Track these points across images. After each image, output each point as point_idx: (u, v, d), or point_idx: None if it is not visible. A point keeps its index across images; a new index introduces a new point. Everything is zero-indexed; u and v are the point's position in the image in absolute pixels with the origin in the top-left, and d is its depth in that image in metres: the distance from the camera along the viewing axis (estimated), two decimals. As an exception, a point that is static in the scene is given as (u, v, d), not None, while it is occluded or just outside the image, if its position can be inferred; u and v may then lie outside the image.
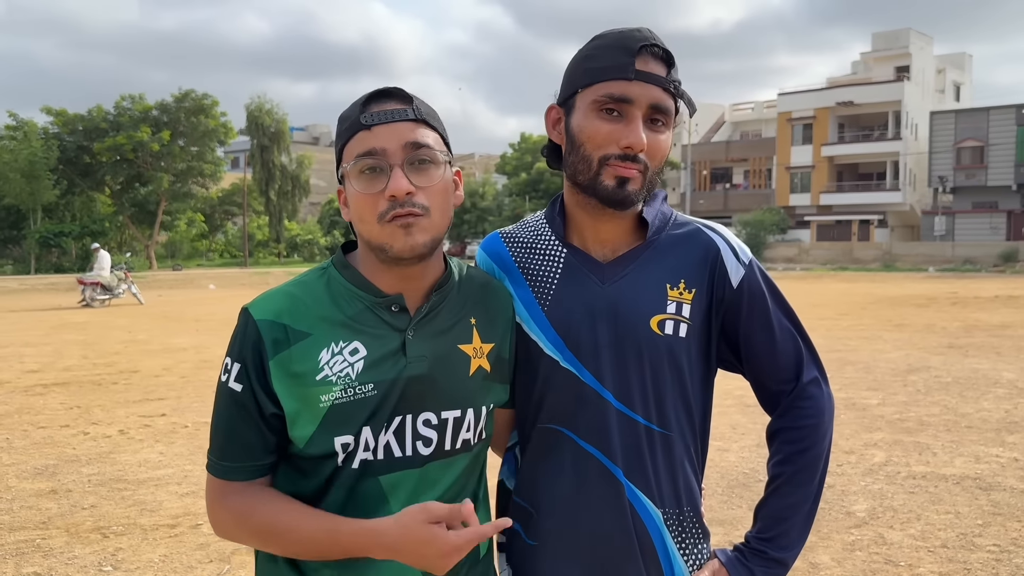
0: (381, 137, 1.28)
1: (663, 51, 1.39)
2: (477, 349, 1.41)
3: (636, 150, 1.37)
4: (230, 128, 47.44)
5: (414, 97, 1.34)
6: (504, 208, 55.80)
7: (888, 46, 53.59)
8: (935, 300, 21.09)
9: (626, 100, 1.36)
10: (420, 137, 1.30)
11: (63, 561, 4.14)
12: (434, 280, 1.38)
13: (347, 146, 1.31)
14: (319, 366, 1.28)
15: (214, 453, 1.33)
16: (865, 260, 44.58)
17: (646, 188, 1.42)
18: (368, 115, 1.29)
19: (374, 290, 1.34)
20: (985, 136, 46.56)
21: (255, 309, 1.31)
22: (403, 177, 1.27)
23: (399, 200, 1.27)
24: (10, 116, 42.82)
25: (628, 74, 1.36)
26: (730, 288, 1.47)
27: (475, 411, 1.39)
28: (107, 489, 5.35)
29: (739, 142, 60.10)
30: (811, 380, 1.51)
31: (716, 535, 4.32)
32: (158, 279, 34.86)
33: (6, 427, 7.20)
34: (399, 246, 1.28)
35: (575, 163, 1.42)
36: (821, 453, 1.49)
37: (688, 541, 1.47)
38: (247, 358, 1.28)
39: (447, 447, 1.36)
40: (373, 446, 1.31)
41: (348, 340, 1.30)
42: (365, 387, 1.29)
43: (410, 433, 1.33)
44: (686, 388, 1.47)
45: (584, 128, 1.40)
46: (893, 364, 10.34)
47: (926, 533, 4.46)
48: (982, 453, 6.08)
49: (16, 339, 13.90)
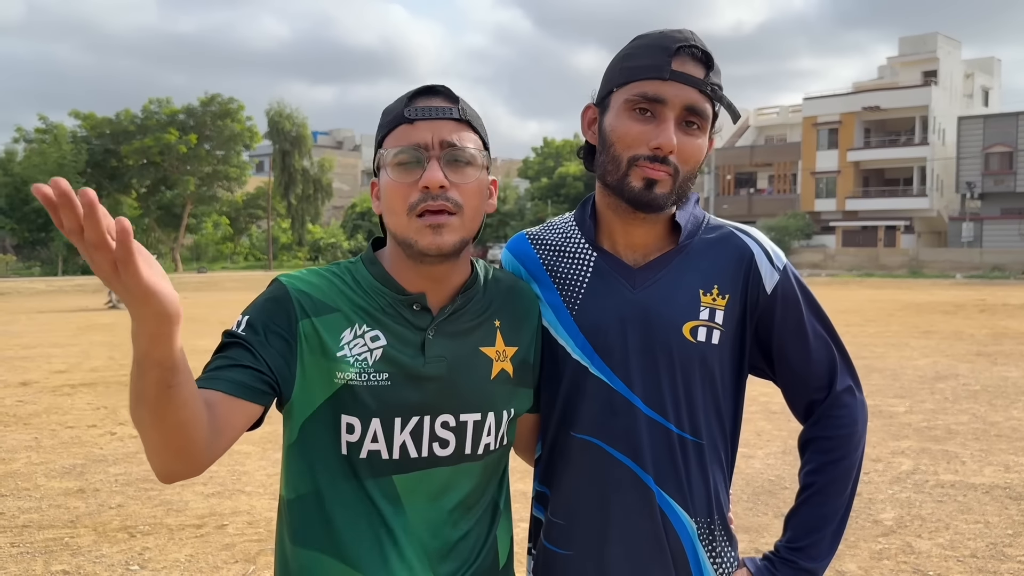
0: (422, 131, 1.28)
1: (702, 53, 1.36)
2: (500, 352, 1.39)
3: (665, 151, 1.34)
4: (255, 132, 47.92)
5: (460, 98, 1.33)
6: (526, 212, 55.80)
7: (915, 50, 53.04)
8: (963, 307, 20.83)
9: (659, 100, 1.35)
10: (461, 137, 1.29)
11: (91, 559, 4.18)
12: (460, 282, 1.37)
13: (387, 137, 1.31)
14: (340, 343, 1.28)
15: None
16: (891, 266, 44.12)
17: (676, 193, 1.39)
18: (412, 109, 1.29)
19: (397, 287, 1.33)
20: (1014, 141, 45.93)
21: (287, 279, 1.32)
22: (439, 170, 1.26)
23: (432, 192, 1.26)
24: (40, 119, 43.48)
25: (663, 74, 1.34)
26: (764, 294, 1.45)
27: (496, 415, 1.37)
28: (134, 489, 5.40)
29: (764, 147, 59.68)
30: (845, 388, 1.48)
31: (742, 543, 4.28)
32: (183, 281, 35.19)
33: (35, 427, 7.29)
34: (425, 243, 1.26)
35: (605, 163, 1.40)
36: (854, 463, 1.47)
37: (718, 549, 1.45)
38: (268, 309, 1.26)
39: (467, 451, 1.34)
40: (387, 442, 1.29)
41: (371, 327, 1.30)
42: (380, 375, 1.28)
43: (427, 434, 1.31)
44: (717, 395, 1.45)
45: (615, 127, 1.38)
46: (920, 371, 10.22)
47: (955, 542, 4.40)
48: (1012, 462, 5.99)
49: (44, 340, 14.08)
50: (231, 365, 1.21)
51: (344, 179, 67.80)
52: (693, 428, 1.43)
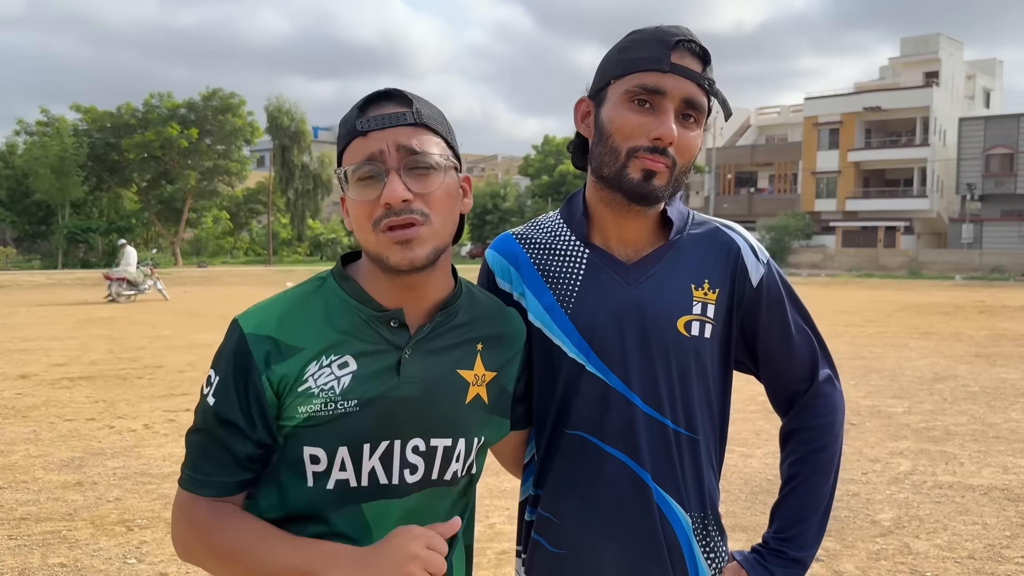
0: (377, 142, 1.21)
1: (700, 48, 1.38)
2: (478, 376, 1.34)
3: (666, 142, 1.35)
4: (256, 127, 47.88)
5: (414, 99, 1.26)
6: (526, 210, 55.77)
7: (917, 51, 53.00)
8: (962, 308, 20.84)
9: (659, 92, 1.35)
10: (419, 142, 1.23)
11: (88, 553, 4.18)
12: (440, 297, 1.31)
13: (344, 152, 1.25)
14: (304, 377, 1.23)
15: (187, 467, 1.27)
16: (891, 267, 44.12)
17: (672, 185, 1.40)
18: (364, 120, 1.22)
19: (373, 304, 1.27)
20: (1015, 143, 45.90)
21: (245, 322, 1.25)
22: (399, 183, 1.20)
23: (394, 208, 1.20)
24: (42, 112, 43.46)
25: (663, 66, 1.35)
26: (751, 287, 1.47)
27: (467, 442, 1.32)
28: (132, 483, 5.40)
29: (764, 146, 59.67)
30: (825, 379, 1.53)
31: (739, 541, 4.28)
32: (183, 276, 35.18)
33: (33, 419, 7.29)
34: (396, 259, 1.21)
35: (602, 154, 1.40)
36: (835, 452, 1.51)
37: (711, 544, 1.47)
38: (232, 373, 1.23)
39: (434, 476, 1.29)
40: (355, 470, 1.25)
41: (340, 354, 1.24)
42: (347, 403, 1.23)
43: (397, 460, 1.26)
44: (710, 390, 1.46)
45: (614, 119, 1.38)
46: (919, 372, 10.23)
47: (952, 543, 4.40)
48: (1010, 464, 5.99)
49: (43, 333, 14.08)
50: (235, 466, 1.25)
51: (345, 175, 67.67)
52: (688, 423, 1.44)
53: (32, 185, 41.63)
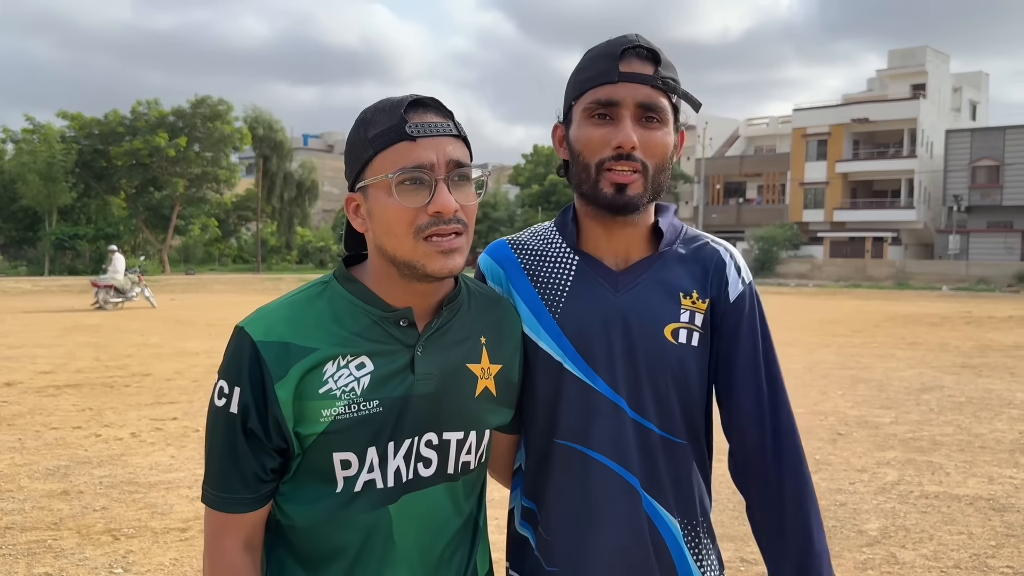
0: (427, 150, 1.22)
1: (648, 51, 1.40)
2: (485, 369, 1.37)
3: (627, 148, 1.37)
4: (245, 134, 47.72)
5: (451, 111, 1.29)
6: (516, 219, 55.81)
7: (904, 63, 53.43)
8: (949, 319, 20.96)
9: (612, 103, 1.38)
10: (461, 155, 1.26)
11: (74, 562, 4.16)
12: (444, 294, 1.34)
13: (384, 154, 1.23)
14: (323, 379, 1.23)
15: (214, 485, 1.26)
16: (878, 277, 44.35)
17: (650, 190, 1.41)
18: (414, 126, 1.22)
19: (382, 304, 1.28)
20: (1001, 155, 46.29)
21: (252, 329, 1.23)
22: (448, 193, 1.22)
23: (445, 217, 1.22)
24: (27, 120, 43.23)
25: (612, 77, 1.39)
26: (727, 301, 1.48)
27: (477, 434, 1.36)
28: (118, 491, 5.37)
29: (753, 157, 59.97)
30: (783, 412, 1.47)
31: (727, 551, 4.29)
32: (171, 283, 35.03)
33: (19, 427, 7.24)
34: (436, 267, 1.23)
35: (578, 173, 1.44)
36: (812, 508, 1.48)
37: (702, 550, 1.47)
38: (247, 383, 1.22)
39: (448, 470, 1.32)
40: (381, 470, 1.26)
41: (355, 354, 1.25)
42: (370, 403, 1.24)
43: (414, 455, 1.29)
44: (695, 397, 1.47)
45: (579, 137, 1.42)
46: (906, 382, 10.28)
47: (939, 553, 4.42)
48: (996, 474, 6.03)
49: (29, 340, 13.98)
50: (259, 480, 1.26)
51: (334, 182, 67.60)
52: (676, 429, 1.45)
53: (19, 191, 41.37)
